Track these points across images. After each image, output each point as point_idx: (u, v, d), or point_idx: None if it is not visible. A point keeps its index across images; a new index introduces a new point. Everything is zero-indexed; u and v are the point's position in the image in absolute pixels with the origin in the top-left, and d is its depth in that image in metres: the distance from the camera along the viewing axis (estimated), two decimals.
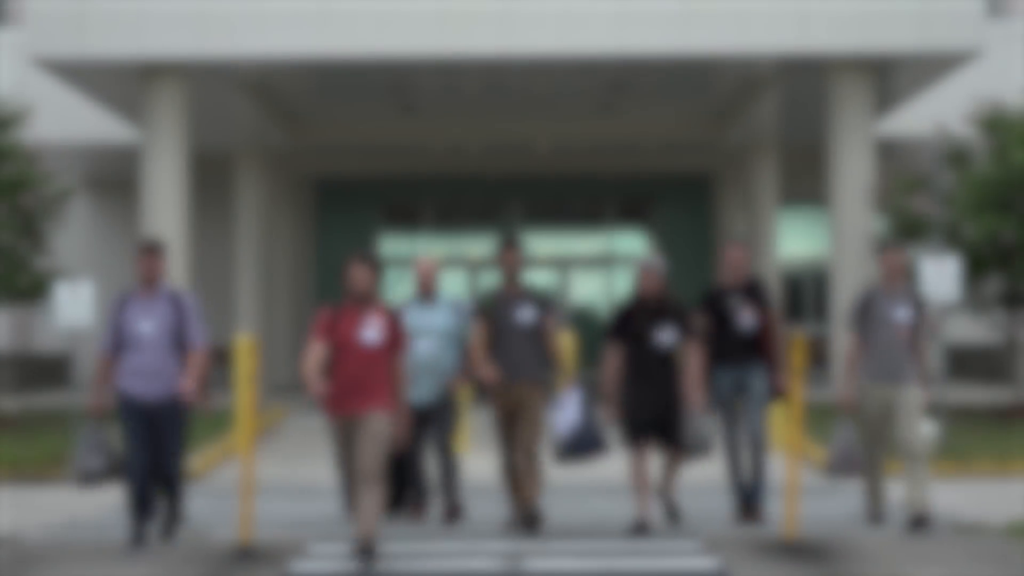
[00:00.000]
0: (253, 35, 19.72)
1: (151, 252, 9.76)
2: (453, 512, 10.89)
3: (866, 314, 10.48)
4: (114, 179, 29.99)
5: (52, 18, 19.57)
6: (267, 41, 19.76)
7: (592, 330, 31.81)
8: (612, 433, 10.52)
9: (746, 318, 10.69)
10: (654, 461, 11.31)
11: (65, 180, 22.00)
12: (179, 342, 9.78)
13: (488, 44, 19.92)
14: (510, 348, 10.27)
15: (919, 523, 10.13)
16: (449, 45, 19.91)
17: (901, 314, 10.40)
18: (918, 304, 10.52)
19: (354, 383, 9.03)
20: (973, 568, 8.61)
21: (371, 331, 9.10)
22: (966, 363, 28.39)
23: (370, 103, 25.53)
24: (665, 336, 10.22)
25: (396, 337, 9.20)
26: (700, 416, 10.21)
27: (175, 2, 19.72)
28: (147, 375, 9.70)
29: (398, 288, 31.47)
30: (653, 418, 10.21)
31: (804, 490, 12.86)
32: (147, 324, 9.70)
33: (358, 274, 9.16)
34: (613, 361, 10.32)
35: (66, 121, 24.66)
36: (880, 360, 10.39)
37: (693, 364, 10.25)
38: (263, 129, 25.92)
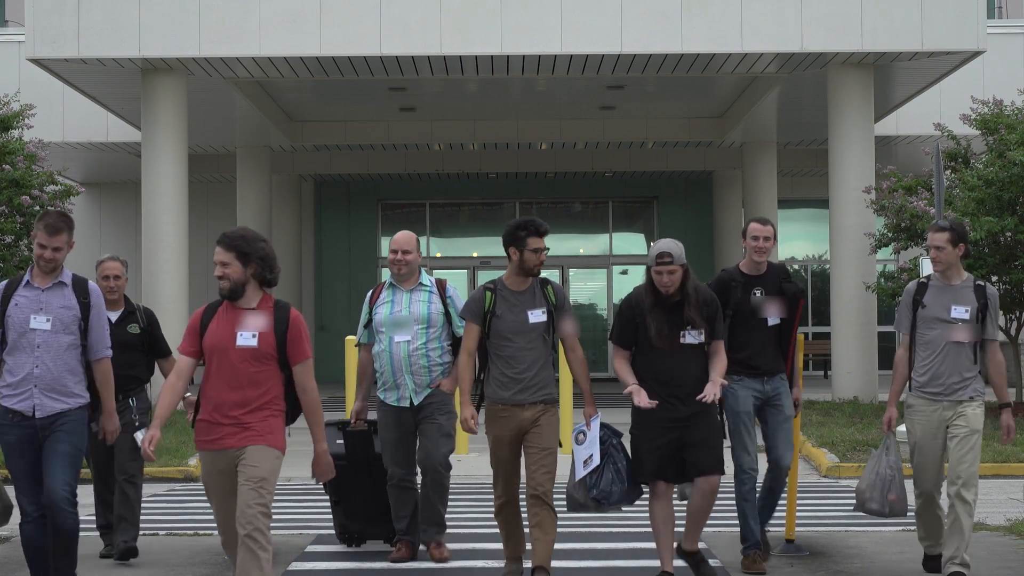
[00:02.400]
0: (253, 35, 19.73)
1: (53, 228, 7.51)
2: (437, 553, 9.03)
3: (915, 311, 8.33)
4: (114, 179, 29.98)
5: (52, 19, 19.56)
6: (267, 41, 19.77)
7: (592, 333, 31.75)
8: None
9: (773, 314, 8.71)
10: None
11: (66, 180, 21.97)
12: (80, 345, 7.48)
13: (488, 44, 19.90)
14: (518, 358, 8.07)
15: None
16: (449, 45, 19.90)
17: (959, 311, 8.23)
18: (982, 298, 8.32)
19: (228, 406, 6.71)
20: (973, 568, 8.60)
21: (247, 333, 6.72)
22: None
23: (370, 103, 25.51)
24: (689, 339, 8.04)
25: (291, 341, 6.76)
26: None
27: (176, 2, 19.71)
28: (36, 385, 7.36)
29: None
30: (670, 442, 7.97)
31: (804, 490, 12.87)
32: (41, 319, 7.40)
33: (221, 258, 6.76)
34: (624, 366, 8.15)
35: (67, 121, 24.65)
36: (932, 369, 8.25)
37: (719, 367, 8.09)
38: (263, 129, 25.91)
